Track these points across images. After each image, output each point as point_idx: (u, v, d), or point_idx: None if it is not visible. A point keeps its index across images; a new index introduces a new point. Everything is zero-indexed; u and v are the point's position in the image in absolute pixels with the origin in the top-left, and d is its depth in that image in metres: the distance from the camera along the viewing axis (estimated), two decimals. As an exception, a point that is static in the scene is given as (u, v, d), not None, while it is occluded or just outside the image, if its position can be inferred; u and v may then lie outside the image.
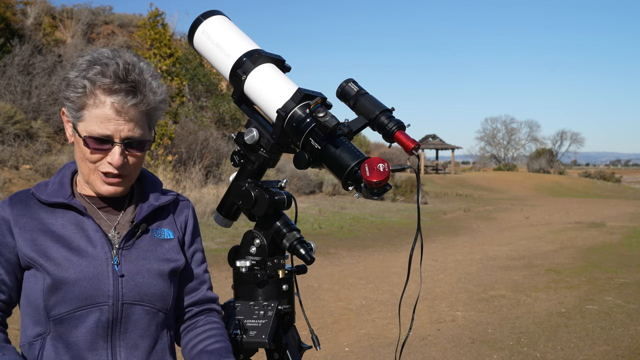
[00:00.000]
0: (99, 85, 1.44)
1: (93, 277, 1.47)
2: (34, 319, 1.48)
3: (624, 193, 38.70)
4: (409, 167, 1.76)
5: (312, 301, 6.52)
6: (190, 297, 1.69)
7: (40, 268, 1.46)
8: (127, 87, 1.45)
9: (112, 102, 1.44)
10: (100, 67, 1.46)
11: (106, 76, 1.44)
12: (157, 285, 1.54)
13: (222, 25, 2.01)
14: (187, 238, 1.69)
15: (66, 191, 1.54)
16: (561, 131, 70.44)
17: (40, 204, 1.52)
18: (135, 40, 19.71)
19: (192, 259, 1.70)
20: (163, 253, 1.58)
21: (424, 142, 48.05)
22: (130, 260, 1.52)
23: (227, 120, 21.19)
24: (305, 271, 2.02)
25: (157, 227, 1.61)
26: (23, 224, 1.49)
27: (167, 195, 1.67)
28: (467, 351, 4.96)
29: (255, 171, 1.99)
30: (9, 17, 15.54)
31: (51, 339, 1.46)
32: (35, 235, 1.48)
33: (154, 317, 1.54)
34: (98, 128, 1.45)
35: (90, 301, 1.46)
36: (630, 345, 5.12)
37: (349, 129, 1.75)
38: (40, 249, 1.47)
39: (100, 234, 1.51)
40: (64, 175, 1.59)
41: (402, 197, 22.12)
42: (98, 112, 1.45)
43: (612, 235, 13.05)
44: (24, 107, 13.92)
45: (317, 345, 2.02)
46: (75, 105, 1.48)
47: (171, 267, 1.58)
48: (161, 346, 1.57)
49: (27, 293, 1.49)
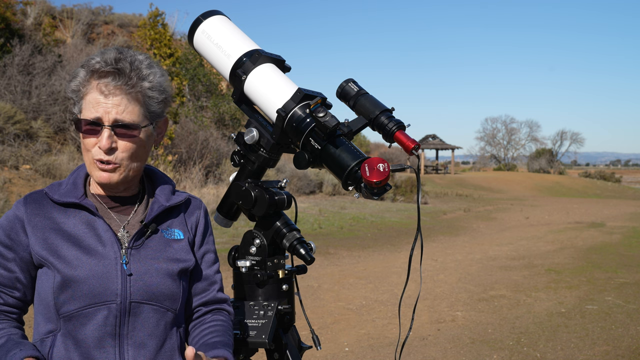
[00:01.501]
0: (91, 70, 1.52)
1: (102, 275, 1.49)
2: (46, 316, 1.52)
3: (624, 193, 38.70)
4: (409, 167, 1.76)
5: (312, 301, 6.52)
6: (199, 297, 1.70)
7: (51, 266, 1.50)
8: (112, 69, 1.50)
9: (98, 84, 1.50)
10: (97, 57, 1.53)
11: (99, 63, 1.51)
12: (166, 285, 1.56)
13: (222, 25, 2.01)
14: (197, 239, 1.70)
15: (79, 191, 1.58)
16: (561, 131, 70.54)
17: (53, 204, 1.56)
18: (135, 40, 19.71)
19: (202, 260, 1.71)
20: (172, 253, 1.60)
21: (424, 142, 48.06)
22: (139, 259, 1.55)
23: (227, 120, 21.18)
24: (305, 271, 2.02)
25: (167, 227, 1.63)
26: (36, 223, 1.53)
27: (179, 196, 1.69)
28: (467, 351, 4.97)
29: (255, 171, 1.99)
30: (9, 17, 15.53)
31: (62, 336, 1.49)
32: (47, 234, 1.52)
33: (162, 317, 1.55)
34: (89, 112, 1.51)
35: (98, 299, 1.48)
36: (630, 345, 5.12)
37: (349, 129, 1.75)
38: (52, 247, 1.51)
39: (110, 234, 1.54)
40: (78, 176, 1.62)
41: (402, 197, 22.12)
42: (89, 97, 1.52)
43: (612, 235, 13.05)
44: (24, 107, 13.91)
45: (317, 345, 2.03)
46: (77, 97, 1.55)
47: (180, 267, 1.59)
48: (170, 345, 1.58)
49: (39, 290, 1.53)
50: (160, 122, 1.62)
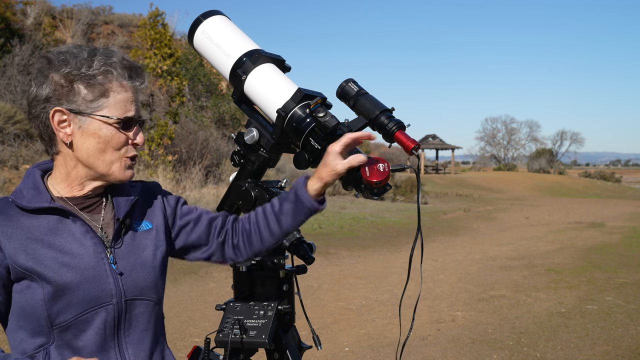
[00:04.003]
0: (119, 72, 1.52)
1: (93, 278, 1.46)
2: (33, 331, 1.45)
3: (624, 193, 38.69)
4: (409, 167, 1.76)
5: (312, 301, 6.52)
6: (216, 230, 1.74)
7: (37, 278, 1.43)
8: (137, 71, 1.55)
9: (132, 86, 1.53)
10: (105, 56, 1.52)
11: (121, 62, 1.52)
12: (151, 277, 1.57)
13: (222, 25, 2.02)
14: (169, 211, 1.70)
15: (45, 195, 1.51)
16: (561, 131, 70.52)
17: (22, 212, 1.48)
18: (135, 40, 19.70)
19: (187, 214, 1.72)
20: (148, 244, 1.60)
21: (424, 142, 48.05)
22: (122, 257, 1.54)
23: (227, 120, 21.18)
24: (305, 271, 2.03)
25: (135, 220, 1.62)
26: (9, 234, 1.44)
27: (136, 187, 1.67)
28: (467, 351, 4.97)
29: (255, 171, 1.99)
30: (9, 17, 15.53)
31: (56, 348, 1.44)
32: (25, 245, 1.44)
33: (152, 310, 1.57)
34: (125, 111, 1.52)
35: (94, 303, 1.46)
36: (630, 345, 5.12)
37: (349, 129, 1.75)
38: (35, 257, 1.43)
39: (91, 235, 1.51)
40: (36, 180, 1.55)
41: (402, 197, 22.12)
42: (121, 96, 1.51)
43: (612, 235, 13.05)
44: (24, 107, 13.89)
45: (318, 345, 2.03)
46: (92, 95, 1.48)
47: (160, 257, 1.61)
48: (161, 337, 1.61)
49: (23, 305, 1.45)
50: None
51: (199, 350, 1.99)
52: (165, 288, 1.67)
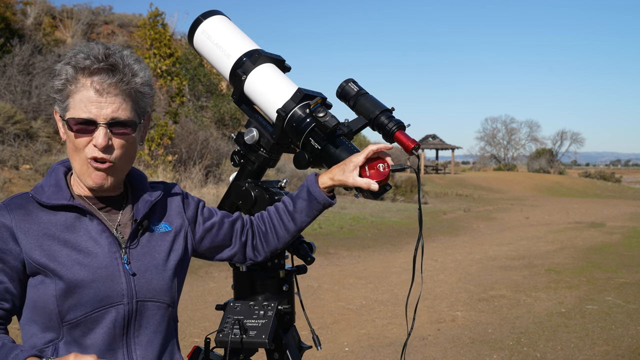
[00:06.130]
0: (80, 68, 1.45)
1: (106, 277, 1.47)
2: (44, 326, 1.46)
3: (624, 193, 38.69)
4: (409, 167, 1.76)
5: (312, 301, 6.52)
6: (237, 231, 1.77)
7: (50, 273, 1.44)
8: (105, 66, 1.45)
9: (92, 82, 1.44)
10: (82, 53, 1.47)
11: (87, 59, 1.45)
12: (164, 279, 1.56)
13: (222, 25, 2.02)
14: (190, 214, 1.70)
15: (65, 192, 1.52)
16: (561, 131, 70.50)
17: (41, 207, 1.49)
18: (135, 40, 19.69)
19: (210, 218, 1.74)
20: (165, 247, 1.59)
21: (424, 142, 48.06)
22: (137, 258, 1.53)
23: (227, 120, 21.18)
24: (305, 271, 2.02)
25: (154, 221, 1.62)
26: (27, 230, 1.45)
27: (157, 189, 1.66)
28: (467, 351, 4.96)
29: (255, 171, 1.99)
30: (9, 17, 15.53)
31: (65, 344, 1.45)
32: (41, 240, 1.45)
33: (165, 312, 1.56)
34: (81, 111, 1.44)
35: (105, 302, 1.46)
36: (630, 345, 5.12)
37: (349, 129, 1.75)
38: (49, 253, 1.44)
39: (107, 234, 1.51)
40: (58, 177, 1.55)
41: (402, 197, 22.12)
42: (80, 95, 1.45)
43: (612, 235, 13.05)
44: (24, 107, 13.91)
45: (318, 345, 2.02)
46: (61, 96, 1.48)
47: (176, 260, 1.60)
48: (171, 339, 1.60)
49: (36, 300, 1.46)
50: (145, 118, 1.58)
51: (199, 350, 1.99)
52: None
